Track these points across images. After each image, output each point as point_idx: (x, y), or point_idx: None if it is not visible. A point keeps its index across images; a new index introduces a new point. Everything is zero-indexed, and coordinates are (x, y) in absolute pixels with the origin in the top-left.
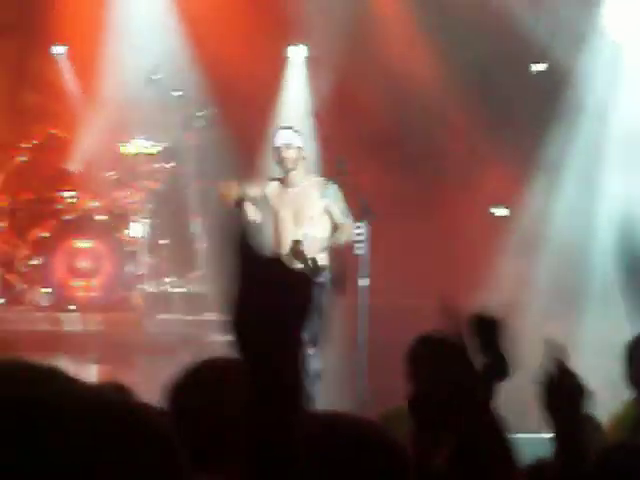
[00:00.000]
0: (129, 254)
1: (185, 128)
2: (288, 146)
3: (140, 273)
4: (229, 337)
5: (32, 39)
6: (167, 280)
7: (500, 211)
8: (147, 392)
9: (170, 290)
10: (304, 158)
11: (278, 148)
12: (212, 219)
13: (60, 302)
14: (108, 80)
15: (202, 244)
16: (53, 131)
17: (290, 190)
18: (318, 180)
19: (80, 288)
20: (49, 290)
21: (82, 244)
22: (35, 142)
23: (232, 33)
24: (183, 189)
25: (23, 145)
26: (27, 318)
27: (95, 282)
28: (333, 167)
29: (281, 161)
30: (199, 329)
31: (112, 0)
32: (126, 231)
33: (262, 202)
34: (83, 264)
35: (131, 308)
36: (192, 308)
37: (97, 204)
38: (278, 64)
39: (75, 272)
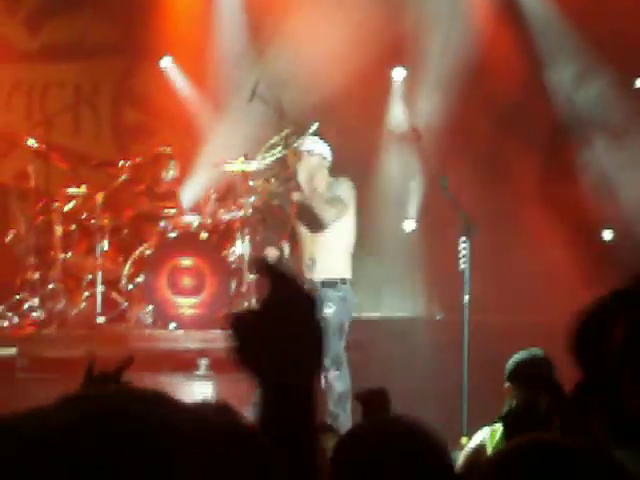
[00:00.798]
0: (232, 271)
1: (287, 145)
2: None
3: (243, 290)
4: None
5: (135, 57)
6: None
7: (607, 234)
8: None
9: None
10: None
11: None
12: None
13: (163, 320)
14: (212, 96)
15: None
16: (160, 147)
17: None
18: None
19: (183, 306)
20: (152, 308)
21: (185, 262)
22: (138, 159)
23: (335, 53)
24: (284, 205)
25: (126, 163)
26: (131, 336)
27: (198, 300)
28: (435, 182)
29: None
30: None
31: (215, 19)
32: (229, 248)
33: None
34: (186, 282)
35: None
36: None
37: (200, 221)
38: (382, 85)
39: (178, 290)
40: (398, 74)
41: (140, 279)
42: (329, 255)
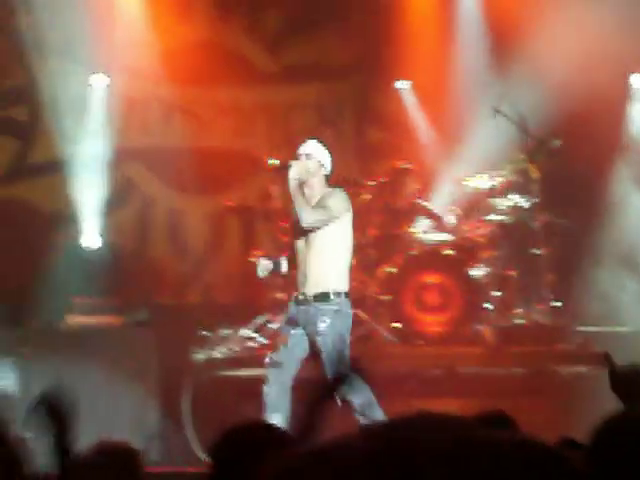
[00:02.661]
0: (477, 288)
1: (529, 160)
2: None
3: (489, 306)
4: None
5: (375, 76)
6: (515, 313)
7: None
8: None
9: (519, 322)
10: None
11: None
12: (558, 250)
13: (409, 337)
14: (452, 113)
15: (549, 276)
16: (402, 165)
17: None
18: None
19: (430, 323)
20: (398, 326)
21: (431, 279)
22: (382, 179)
23: (576, 66)
24: (528, 221)
25: (369, 182)
26: (377, 355)
27: (444, 317)
28: None
29: None
30: (550, 361)
31: (456, 36)
32: (473, 265)
33: None
34: (432, 299)
35: (481, 342)
36: (542, 340)
37: (444, 239)
38: (622, 93)
39: (424, 307)
40: (638, 81)
41: (386, 297)
42: (320, 268)
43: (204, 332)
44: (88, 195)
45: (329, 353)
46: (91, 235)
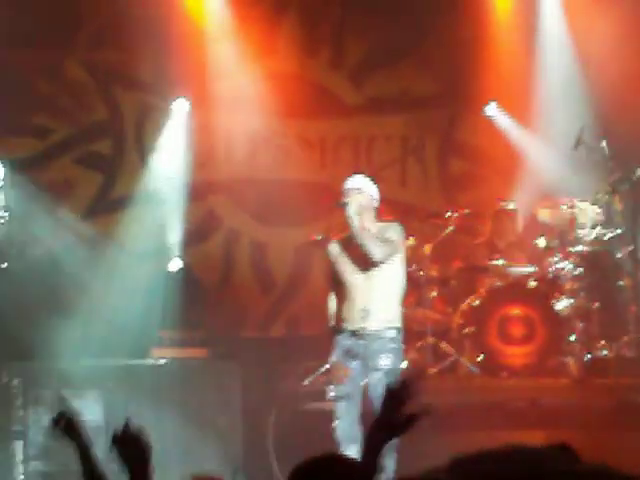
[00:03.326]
0: (562, 319)
1: (613, 191)
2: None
3: (573, 338)
4: None
5: (461, 106)
6: (600, 344)
7: None
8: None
9: (603, 355)
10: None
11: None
12: None
13: (493, 369)
14: (534, 140)
15: (633, 307)
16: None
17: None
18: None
19: (514, 355)
20: (482, 358)
21: (514, 311)
22: (466, 211)
23: None
24: (612, 253)
25: (453, 214)
26: (462, 387)
27: (529, 349)
28: None
29: None
30: (635, 393)
31: (540, 62)
32: (558, 297)
33: None
34: (516, 331)
35: (566, 374)
36: (626, 372)
37: (528, 270)
38: None
39: (508, 339)
40: None
41: (470, 329)
42: (384, 304)
43: (288, 365)
44: (172, 228)
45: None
46: (176, 268)
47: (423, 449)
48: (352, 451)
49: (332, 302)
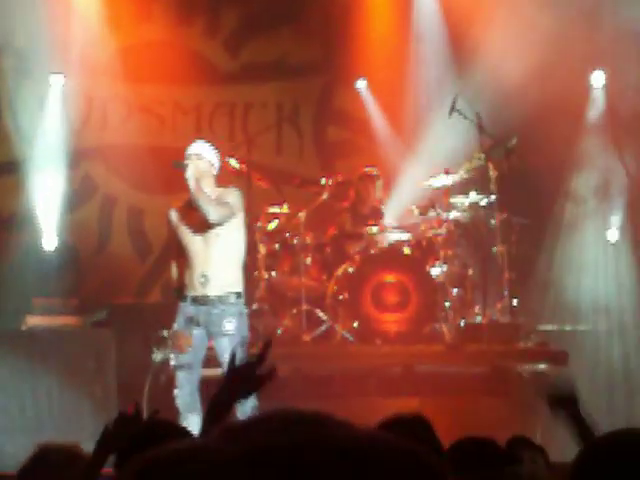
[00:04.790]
0: (436, 286)
1: (487, 158)
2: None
3: (447, 305)
4: None
5: (335, 76)
6: (474, 311)
7: None
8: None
9: (477, 321)
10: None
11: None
12: (516, 249)
13: (368, 336)
14: (410, 112)
15: (507, 274)
16: (367, 169)
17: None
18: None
19: (388, 322)
20: (357, 325)
21: (389, 278)
22: (340, 178)
23: (534, 63)
24: (486, 220)
25: (328, 181)
26: (336, 354)
27: (404, 316)
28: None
29: None
30: (508, 359)
31: (414, 33)
32: (432, 264)
33: None
34: (391, 298)
35: (440, 340)
36: (500, 338)
37: (402, 238)
38: (580, 92)
39: (383, 306)
40: (597, 80)
41: (344, 296)
42: (223, 270)
43: (163, 332)
44: (46, 195)
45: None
46: (50, 235)
47: None
48: (192, 421)
49: (173, 269)
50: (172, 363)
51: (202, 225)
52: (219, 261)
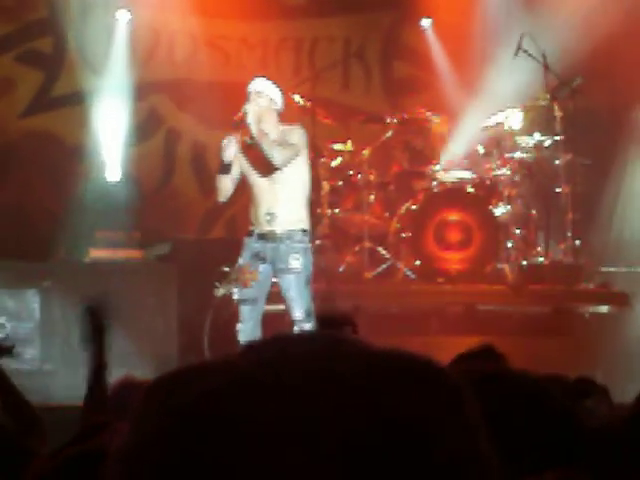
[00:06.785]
0: (499, 226)
1: (552, 98)
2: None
3: (510, 245)
4: None
5: (403, 13)
6: (536, 251)
7: None
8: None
9: (540, 261)
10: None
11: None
12: (580, 189)
13: (430, 275)
14: (476, 52)
15: (570, 215)
16: (429, 115)
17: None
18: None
19: (451, 261)
20: (419, 263)
21: (452, 216)
22: (406, 116)
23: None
24: (551, 160)
25: (393, 119)
26: (398, 292)
27: (466, 255)
28: None
29: None
30: (570, 300)
31: None
32: (495, 203)
33: None
34: (453, 236)
35: (502, 280)
36: (562, 279)
37: (466, 177)
38: None
39: (445, 245)
40: None
41: (407, 234)
42: (289, 207)
43: (225, 267)
44: (111, 127)
45: (301, 290)
46: (114, 168)
47: None
48: None
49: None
50: (235, 297)
51: (267, 165)
52: (285, 198)
